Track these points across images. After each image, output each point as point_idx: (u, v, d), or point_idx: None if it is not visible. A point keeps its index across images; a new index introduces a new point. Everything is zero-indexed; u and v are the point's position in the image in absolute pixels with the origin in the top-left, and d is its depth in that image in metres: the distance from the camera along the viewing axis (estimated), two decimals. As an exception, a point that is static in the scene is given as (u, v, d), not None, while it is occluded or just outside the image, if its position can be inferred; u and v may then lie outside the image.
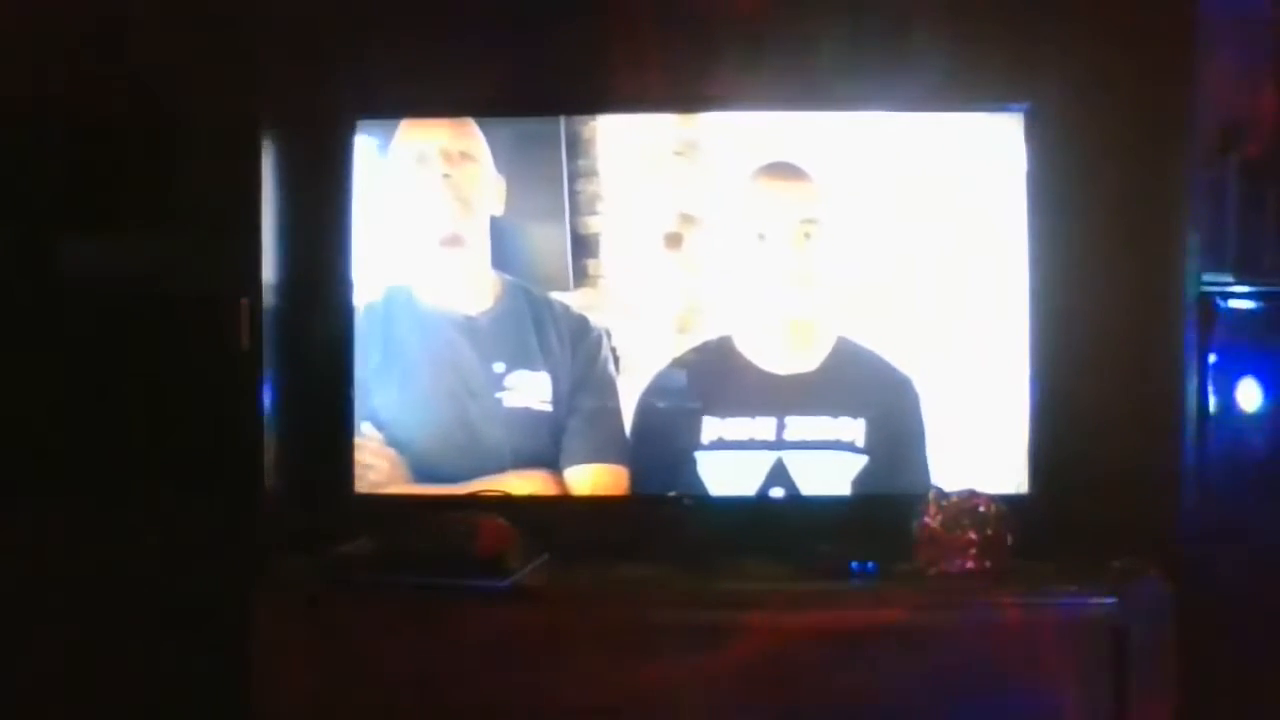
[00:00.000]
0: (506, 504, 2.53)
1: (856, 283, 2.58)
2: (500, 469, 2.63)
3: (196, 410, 2.51)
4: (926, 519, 2.40)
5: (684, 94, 2.61)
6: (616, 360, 2.63)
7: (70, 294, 2.55)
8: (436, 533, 2.39)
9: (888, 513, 2.47)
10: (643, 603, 2.34)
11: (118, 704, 2.48)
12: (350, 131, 2.60)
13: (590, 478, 2.63)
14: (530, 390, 2.64)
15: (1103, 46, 2.52)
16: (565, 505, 2.60)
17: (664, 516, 2.58)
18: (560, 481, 2.63)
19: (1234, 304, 2.40)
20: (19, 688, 2.49)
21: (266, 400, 2.51)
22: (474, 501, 2.55)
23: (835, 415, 2.59)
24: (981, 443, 2.55)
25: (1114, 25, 2.51)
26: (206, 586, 2.43)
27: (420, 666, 2.32)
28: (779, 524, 2.55)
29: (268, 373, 2.52)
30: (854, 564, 2.41)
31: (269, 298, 2.53)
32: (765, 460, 2.59)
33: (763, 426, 2.60)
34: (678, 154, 2.63)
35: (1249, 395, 2.41)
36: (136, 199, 2.54)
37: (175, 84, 2.50)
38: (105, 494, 2.50)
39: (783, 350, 2.62)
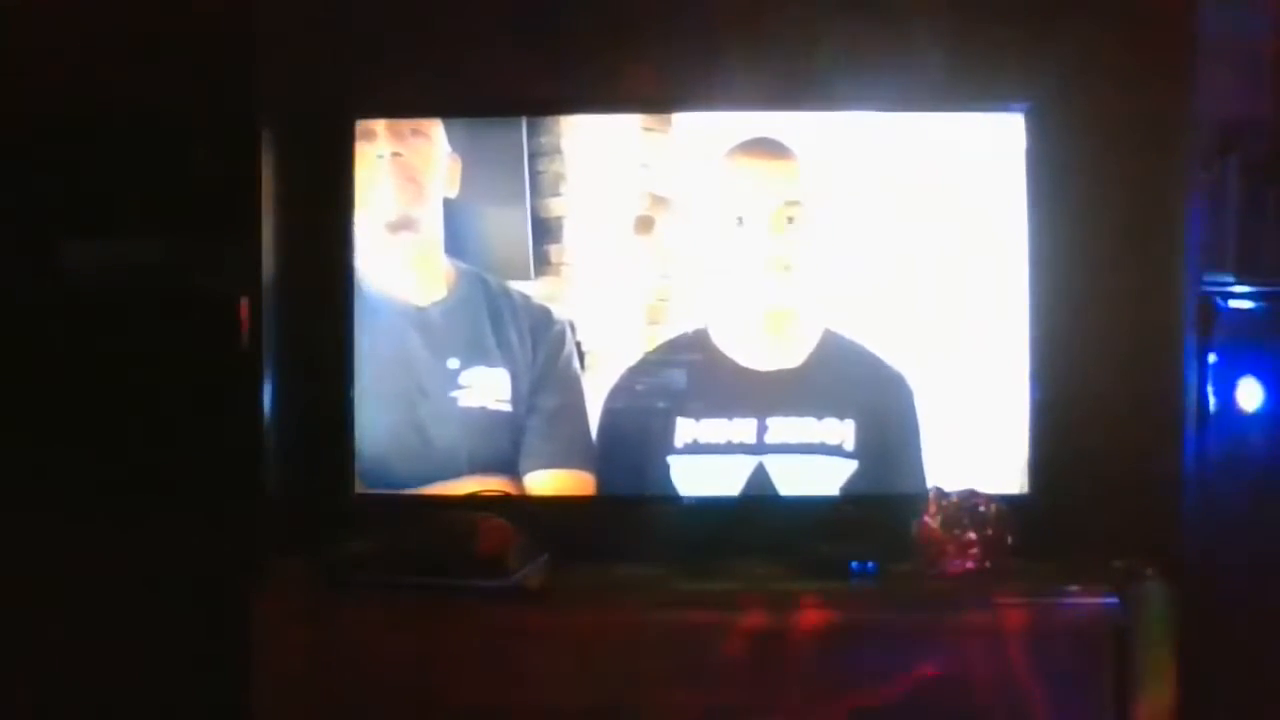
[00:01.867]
0: (506, 504, 2.53)
1: (846, 276, 2.53)
2: (456, 474, 2.51)
3: (197, 410, 2.51)
4: (926, 519, 2.40)
5: (684, 93, 2.61)
6: (582, 356, 2.51)
7: (70, 294, 2.55)
8: (436, 533, 2.39)
9: (886, 513, 2.47)
10: (642, 603, 2.34)
11: (117, 704, 2.48)
12: (350, 131, 2.60)
13: (552, 483, 2.50)
14: (487, 388, 2.51)
15: (1103, 47, 2.52)
16: (565, 505, 2.60)
17: (663, 517, 2.57)
18: (520, 487, 2.52)
19: (1234, 304, 2.41)
20: (18, 688, 2.49)
21: (266, 400, 2.51)
22: (474, 501, 2.54)
23: (821, 416, 2.51)
24: (981, 443, 2.55)
25: (1114, 25, 2.51)
26: (206, 586, 2.43)
27: (420, 666, 2.32)
28: (778, 525, 2.54)
29: (268, 373, 2.52)
30: (854, 564, 2.41)
31: (269, 298, 2.53)
32: (745, 466, 2.51)
33: (742, 429, 2.51)
34: (648, 130, 2.50)
35: (1249, 395, 2.41)
36: (136, 199, 2.54)
37: (175, 84, 2.50)
38: (105, 494, 2.50)
39: (763, 344, 2.52)
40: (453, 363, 2.53)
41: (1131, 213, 2.49)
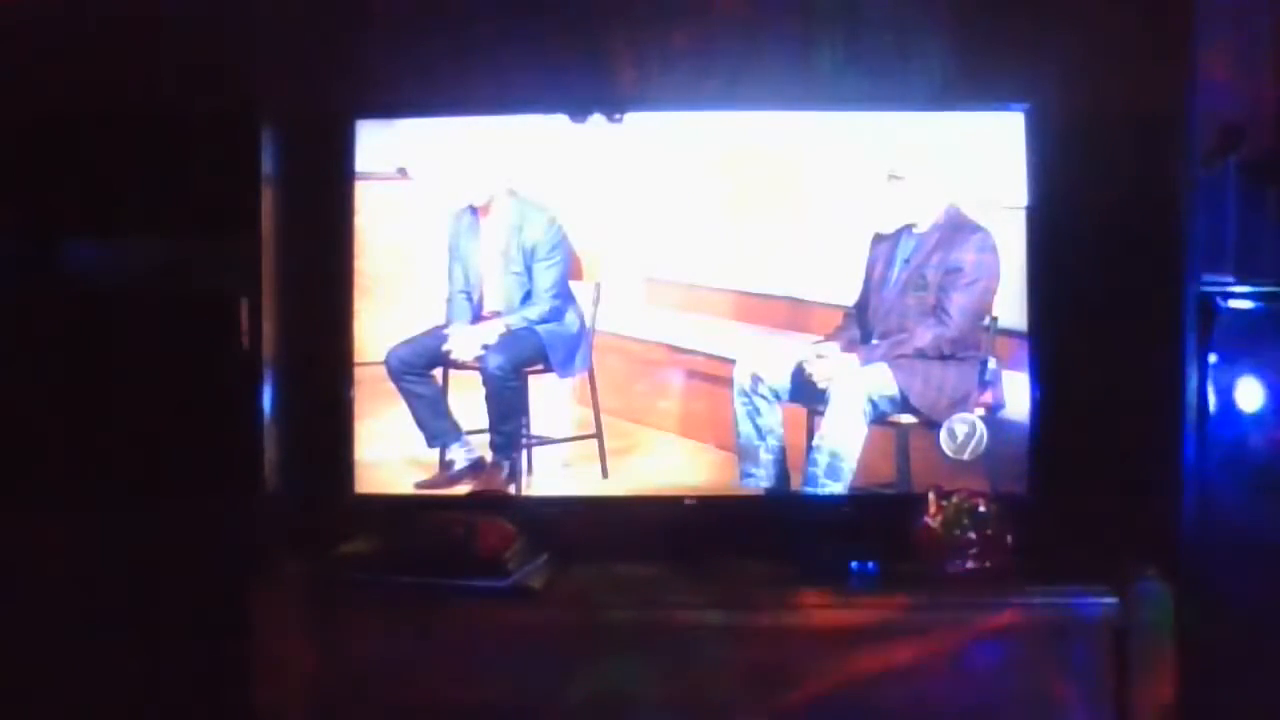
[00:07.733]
0: (506, 504, 2.53)
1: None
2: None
3: (197, 410, 2.51)
4: (926, 519, 2.40)
5: (684, 94, 2.61)
6: None
7: (70, 294, 2.55)
8: (436, 533, 2.39)
9: (888, 512, 2.47)
10: (642, 603, 2.34)
11: (117, 704, 2.48)
12: (350, 131, 2.60)
13: None
14: None
15: (1103, 46, 2.52)
16: (565, 505, 2.60)
17: (663, 516, 2.58)
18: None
19: (1234, 304, 2.40)
20: (20, 688, 2.49)
21: (266, 400, 2.51)
22: (473, 501, 2.54)
23: None
24: (982, 442, 2.55)
25: (1113, 25, 2.51)
26: (206, 586, 2.43)
27: (420, 666, 2.32)
28: (778, 524, 2.55)
29: (268, 373, 2.52)
30: (854, 564, 2.41)
31: (269, 298, 2.53)
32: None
33: None
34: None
35: (1249, 395, 2.41)
36: (136, 199, 2.54)
37: (175, 83, 2.50)
38: (105, 494, 2.50)
39: None
40: None
41: (1131, 213, 2.49)
